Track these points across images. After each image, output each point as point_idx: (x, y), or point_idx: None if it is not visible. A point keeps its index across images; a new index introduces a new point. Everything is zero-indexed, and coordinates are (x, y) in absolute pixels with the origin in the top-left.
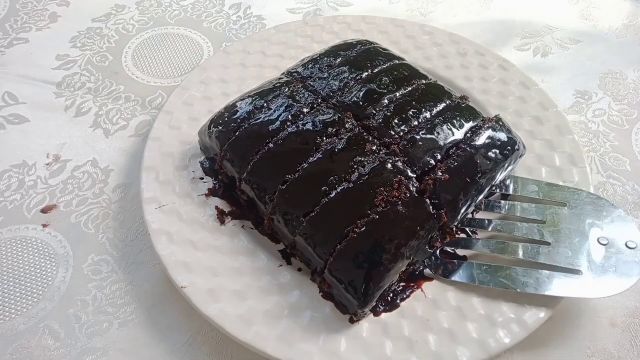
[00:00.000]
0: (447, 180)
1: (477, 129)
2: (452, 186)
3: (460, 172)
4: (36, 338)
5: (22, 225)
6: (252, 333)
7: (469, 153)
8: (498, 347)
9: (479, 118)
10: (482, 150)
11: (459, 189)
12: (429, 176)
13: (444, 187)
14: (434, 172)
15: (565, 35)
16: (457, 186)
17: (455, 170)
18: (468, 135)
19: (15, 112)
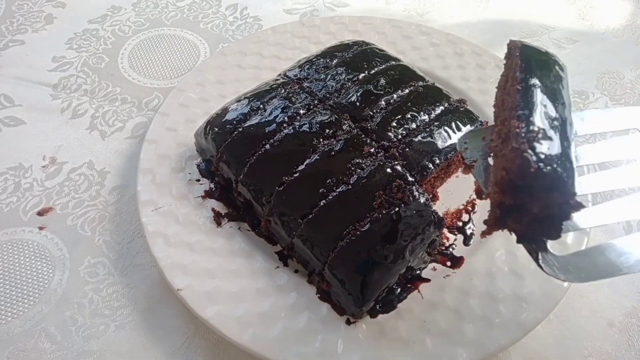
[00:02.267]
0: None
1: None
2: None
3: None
4: (32, 341)
5: (18, 228)
6: (249, 335)
7: None
8: (495, 347)
9: (477, 122)
10: None
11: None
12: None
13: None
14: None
15: (562, 35)
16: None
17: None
18: None
19: (11, 115)
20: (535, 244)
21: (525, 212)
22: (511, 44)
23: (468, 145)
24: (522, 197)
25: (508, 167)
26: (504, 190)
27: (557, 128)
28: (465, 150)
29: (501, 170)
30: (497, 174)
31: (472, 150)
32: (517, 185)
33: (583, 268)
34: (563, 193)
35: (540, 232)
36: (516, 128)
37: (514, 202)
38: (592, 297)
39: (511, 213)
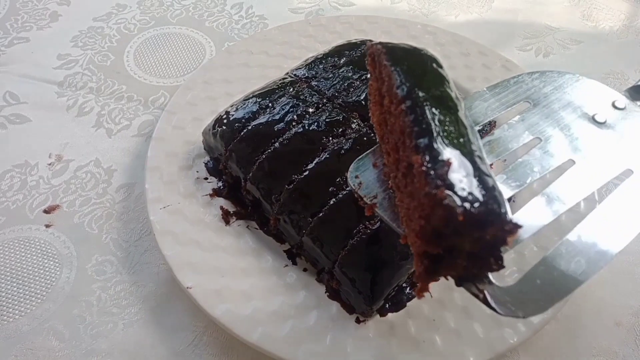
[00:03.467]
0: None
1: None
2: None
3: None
4: (40, 339)
5: (25, 226)
6: (259, 333)
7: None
8: (504, 347)
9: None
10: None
11: None
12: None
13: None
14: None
15: (566, 36)
16: None
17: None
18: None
19: (16, 112)
20: (477, 281)
21: (456, 253)
22: (372, 50)
23: (361, 179)
24: (450, 242)
25: (427, 217)
26: (427, 241)
27: (464, 145)
28: (359, 186)
29: (418, 218)
30: (412, 220)
31: (367, 184)
32: (442, 234)
33: (538, 293)
34: (499, 225)
35: (480, 268)
36: (421, 165)
37: (441, 249)
38: (599, 296)
39: (441, 258)
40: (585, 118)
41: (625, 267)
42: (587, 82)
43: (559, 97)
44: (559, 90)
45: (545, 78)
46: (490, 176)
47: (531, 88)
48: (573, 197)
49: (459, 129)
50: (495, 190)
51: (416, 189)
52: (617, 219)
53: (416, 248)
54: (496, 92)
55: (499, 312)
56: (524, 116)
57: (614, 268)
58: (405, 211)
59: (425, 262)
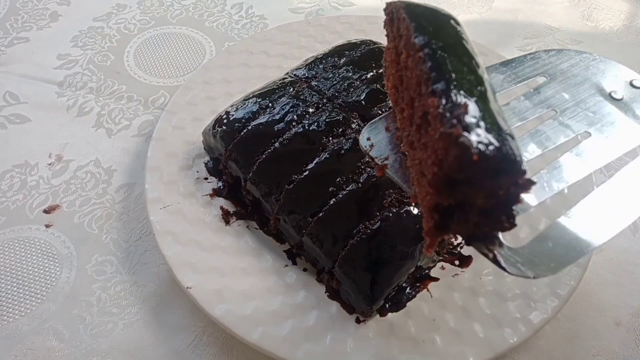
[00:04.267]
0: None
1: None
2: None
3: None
4: (40, 339)
5: (25, 226)
6: (259, 333)
7: None
8: (504, 347)
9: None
10: None
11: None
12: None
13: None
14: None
15: (566, 36)
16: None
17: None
18: None
19: (16, 112)
20: (487, 241)
21: (468, 208)
22: (391, 6)
23: (373, 141)
24: (463, 193)
25: (441, 160)
26: (439, 190)
27: (482, 94)
28: (371, 148)
29: (431, 165)
30: (425, 170)
31: (379, 146)
32: (455, 180)
33: (549, 255)
34: (513, 174)
35: (492, 226)
36: (437, 107)
37: (453, 200)
38: (599, 296)
39: (452, 213)
40: (601, 94)
41: (626, 267)
42: (605, 62)
43: (576, 73)
44: (575, 67)
45: (562, 55)
46: (507, 129)
47: (548, 64)
48: (587, 168)
49: (477, 79)
50: (512, 139)
51: (431, 136)
52: (631, 191)
53: (427, 202)
54: (512, 66)
55: (508, 272)
56: (540, 89)
57: (614, 268)
58: (418, 167)
59: (436, 217)
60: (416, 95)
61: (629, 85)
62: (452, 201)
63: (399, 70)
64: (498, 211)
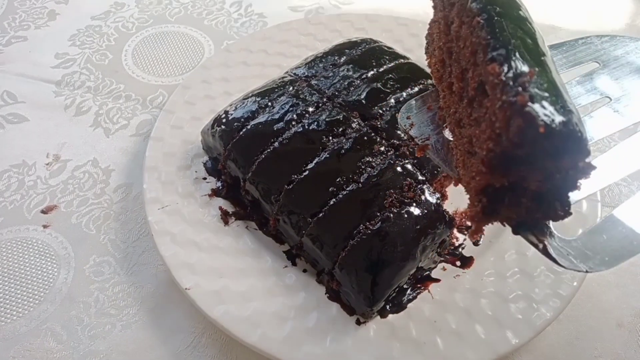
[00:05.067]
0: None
1: None
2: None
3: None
4: (38, 340)
5: (22, 226)
6: (258, 335)
7: None
8: (506, 348)
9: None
10: None
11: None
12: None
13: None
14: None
15: (569, 35)
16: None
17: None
18: None
19: (14, 112)
20: (537, 230)
21: (521, 191)
22: None
23: (413, 120)
24: (518, 173)
25: (499, 133)
26: (493, 169)
27: (544, 64)
28: (410, 127)
29: (486, 141)
30: (478, 147)
31: (419, 125)
32: (514, 157)
33: (604, 249)
34: (577, 154)
35: (544, 214)
36: (498, 75)
37: (507, 181)
38: (601, 297)
39: (502, 197)
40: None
41: (629, 269)
42: None
43: (631, 61)
44: (630, 54)
45: (616, 42)
46: (574, 105)
47: (600, 50)
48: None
49: (539, 47)
50: (577, 115)
51: (487, 109)
52: None
53: (476, 183)
54: (563, 50)
55: (560, 264)
56: (593, 75)
57: (616, 269)
58: (465, 147)
59: (484, 201)
60: (470, 66)
61: None
62: (505, 182)
63: (448, 41)
64: (553, 197)
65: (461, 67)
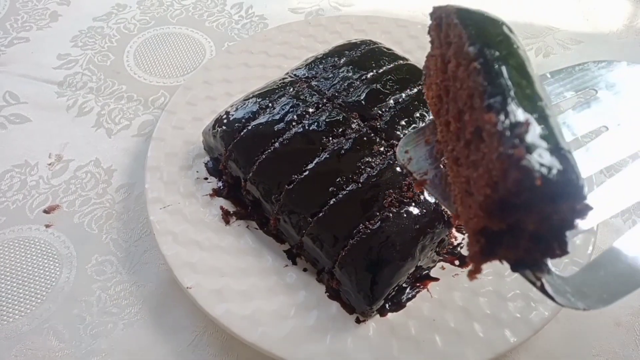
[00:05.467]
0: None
1: None
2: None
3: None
4: (40, 339)
5: (24, 226)
6: (259, 333)
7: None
8: (504, 347)
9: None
10: None
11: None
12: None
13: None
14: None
15: (566, 36)
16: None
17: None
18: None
19: (16, 112)
20: (535, 268)
21: (518, 232)
22: (440, 11)
23: (411, 154)
24: (515, 217)
25: (496, 182)
26: (491, 213)
27: (541, 110)
28: (409, 161)
29: (483, 187)
30: (475, 191)
31: (417, 160)
32: (511, 204)
33: (601, 285)
34: (574, 200)
35: (542, 253)
36: (494, 125)
37: (504, 225)
38: None
39: (500, 238)
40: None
41: None
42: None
43: (628, 87)
44: (627, 80)
45: (613, 67)
46: (568, 146)
47: (597, 76)
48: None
49: (537, 93)
50: (573, 161)
51: (484, 154)
52: None
53: (473, 224)
54: (560, 77)
55: (557, 302)
56: (590, 103)
57: None
58: (463, 186)
59: (482, 241)
60: (467, 109)
61: None
62: (502, 226)
63: (445, 80)
64: (550, 237)
65: (458, 107)
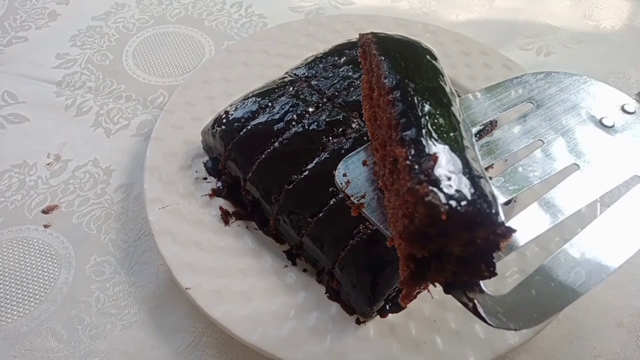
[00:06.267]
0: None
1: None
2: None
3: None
4: (39, 340)
5: (23, 226)
6: (258, 334)
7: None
8: (505, 347)
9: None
10: None
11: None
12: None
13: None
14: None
15: (568, 36)
16: None
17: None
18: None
19: (15, 112)
20: (467, 288)
21: (445, 257)
22: (363, 39)
23: (349, 177)
24: (437, 244)
25: (410, 216)
26: (412, 243)
27: (455, 140)
28: (347, 186)
29: (402, 218)
30: (397, 220)
31: (355, 183)
32: (427, 234)
33: (532, 304)
34: (489, 227)
35: (471, 275)
36: (405, 159)
37: (427, 252)
38: (600, 297)
39: (429, 262)
40: (592, 121)
41: (627, 268)
42: (595, 85)
43: (565, 98)
44: (564, 91)
45: (551, 79)
46: (482, 176)
47: (535, 89)
48: (575, 204)
49: (451, 123)
50: (485, 190)
51: (401, 186)
52: (621, 229)
53: (401, 251)
54: (497, 92)
55: (489, 323)
56: (527, 117)
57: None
58: (392, 211)
59: (411, 266)
60: (387, 139)
61: (621, 110)
62: (425, 253)
63: (372, 106)
64: (477, 259)
65: (382, 136)
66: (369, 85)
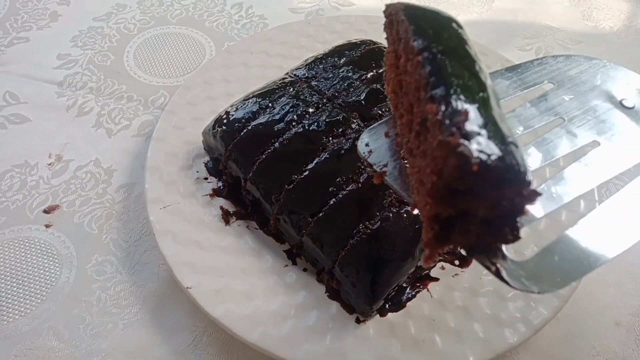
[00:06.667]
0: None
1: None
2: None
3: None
4: (40, 339)
5: (24, 226)
6: (259, 333)
7: None
8: (504, 347)
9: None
10: None
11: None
12: None
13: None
14: None
15: (566, 36)
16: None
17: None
18: None
19: (16, 112)
20: (489, 253)
21: (470, 218)
22: (390, 9)
23: (372, 147)
24: (463, 203)
25: (440, 169)
26: (438, 200)
27: (484, 100)
28: (369, 155)
29: (430, 174)
30: (424, 179)
31: (378, 153)
32: (455, 190)
33: (555, 269)
34: (517, 185)
35: (494, 238)
36: (435, 114)
37: (454, 211)
38: (599, 296)
39: (453, 224)
40: (612, 102)
41: (626, 267)
42: (615, 68)
43: (585, 80)
44: (584, 73)
45: (571, 61)
46: (511, 136)
47: (555, 70)
48: (595, 179)
49: (479, 84)
50: (516, 148)
51: (429, 144)
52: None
53: (426, 211)
54: (518, 72)
55: (512, 286)
56: (548, 96)
57: (614, 268)
58: (417, 175)
59: (436, 228)
60: (415, 101)
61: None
62: (452, 212)
63: (399, 74)
64: (501, 222)
65: (409, 100)
66: (394, 55)
